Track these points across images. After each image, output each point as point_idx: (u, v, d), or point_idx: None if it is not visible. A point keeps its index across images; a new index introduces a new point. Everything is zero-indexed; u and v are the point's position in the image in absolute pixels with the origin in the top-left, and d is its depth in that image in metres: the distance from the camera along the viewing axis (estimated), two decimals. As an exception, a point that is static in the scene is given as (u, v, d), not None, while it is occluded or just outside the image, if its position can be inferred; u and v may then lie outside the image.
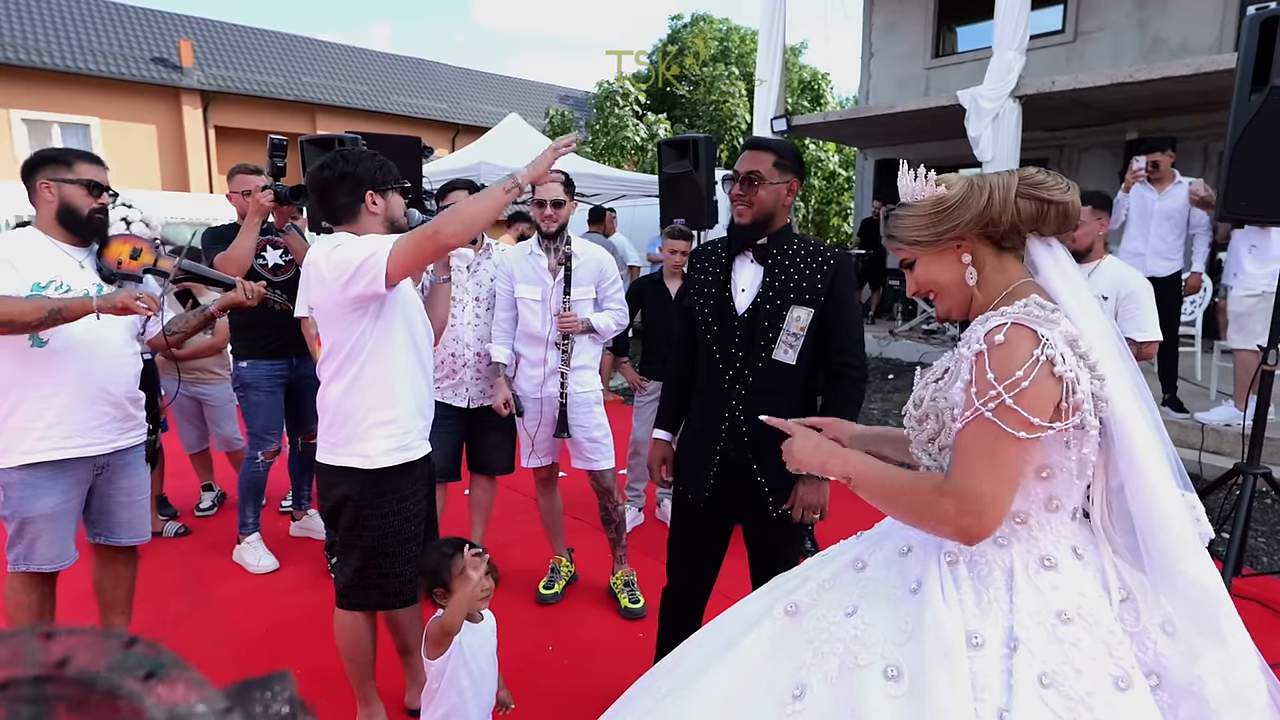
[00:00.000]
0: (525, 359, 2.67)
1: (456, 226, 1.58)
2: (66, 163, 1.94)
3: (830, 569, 1.15)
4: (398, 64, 19.33)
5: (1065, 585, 0.97)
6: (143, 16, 16.02)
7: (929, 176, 1.08)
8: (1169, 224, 4.34)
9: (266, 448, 3.01)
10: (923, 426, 1.08)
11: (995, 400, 0.93)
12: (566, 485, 3.24)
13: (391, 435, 1.74)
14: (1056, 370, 0.93)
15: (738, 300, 1.75)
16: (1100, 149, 7.70)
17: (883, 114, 7.21)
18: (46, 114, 13.78)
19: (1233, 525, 2.53)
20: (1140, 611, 0.98)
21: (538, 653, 2.38)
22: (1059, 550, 1.00)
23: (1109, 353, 1.00)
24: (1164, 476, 0.99)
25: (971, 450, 0.96)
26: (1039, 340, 0.94)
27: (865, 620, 1.02)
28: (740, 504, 1.79)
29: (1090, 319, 1.02)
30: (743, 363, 1.72)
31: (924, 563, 1.05)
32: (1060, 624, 0.94)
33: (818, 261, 1.72)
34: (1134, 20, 7.38)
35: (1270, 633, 2.50)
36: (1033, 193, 1.03)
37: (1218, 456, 3.99)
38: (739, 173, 1.72)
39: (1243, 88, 2.34)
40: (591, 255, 2.64)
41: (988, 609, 0.96)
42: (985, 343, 0.97)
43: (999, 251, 1.07)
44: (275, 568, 2.97)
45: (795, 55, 17.56)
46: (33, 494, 1.86)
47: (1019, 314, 0.97)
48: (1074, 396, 0.94)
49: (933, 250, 1.09)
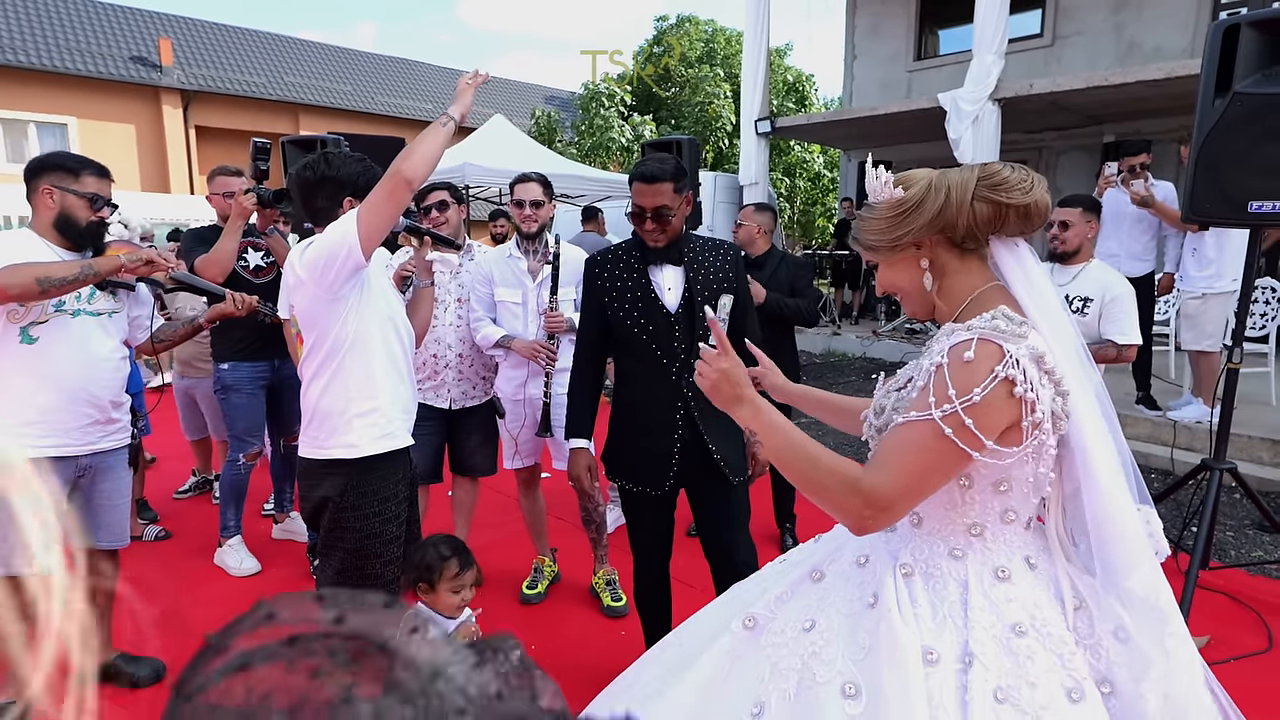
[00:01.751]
0: (506, 361, 2.68)
1: (416, 160, 1.58)
2: (74, 172, 1.95)
3: (788, 580, 1.14)
4: (382, 64, 19.19)
5: (1019, 597, 0.97)
6: (122, 14, 15.77)
7: (888, 178, 1.04)
8: (1141, 226, 4.44)
9: (248, 450, 2.99)
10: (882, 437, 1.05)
11: (948, 410, 0.91)
12: (549, 486, 3.25)
13: (375, 424, 1.76)
14: (1016, 391, 0.91)
15: (666, 299, 1.87)
16: (1078, 151, 7.85)
17: (865, 116, 7.29)
18: (23, 113, 13.53)
19: (1199, 519, 2.60)
20: (1094, 619, 0.98)
21: (521, 653, 2.40)
22: (1013, 561, 1.00)
23: (1073, 365, 0.98)
24: (1120, 491, 0.98)
25: (903, 448, 0.93)
26: (1003, 356, 0.92)
27: (823, 635, 1.01)
28: (694, 481, 1.90)
29: (1055, 328, 0.99)
30: (687, 353, 1.84)
31: (880, 575, 1.04)
32: (1015, 637, 0.93)
33: (721, 254, 1.93)
34: (1110, 25, 7.53)
35: (1236, 624, 2.57)
36: (990, 195, 0.99)
37: (1189, 453, 4.09)
38: (647, 209, 1.80)
39: (1206, 93, 2.40)
40: (572, 256, 2.65)
41: (943, 624, 0.96)
42: (949, 357, 0.95)
43: (961, 254, 1.03)
44: (257, 570, 2.95)
45: (781, 56, 17.68)
46: None
47: (985, 329, 0.94)
48: (1033, 415, 0.92)
49: (891, 254, 1.06)
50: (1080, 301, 2.69)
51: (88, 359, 1.96)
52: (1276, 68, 2.31)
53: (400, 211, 1.64)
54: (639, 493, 1.92)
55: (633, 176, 1.82)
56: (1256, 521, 3.39)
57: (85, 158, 2.03)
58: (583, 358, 1.99)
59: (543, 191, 2.56)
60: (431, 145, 1.62)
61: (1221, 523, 3.48)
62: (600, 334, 1.94)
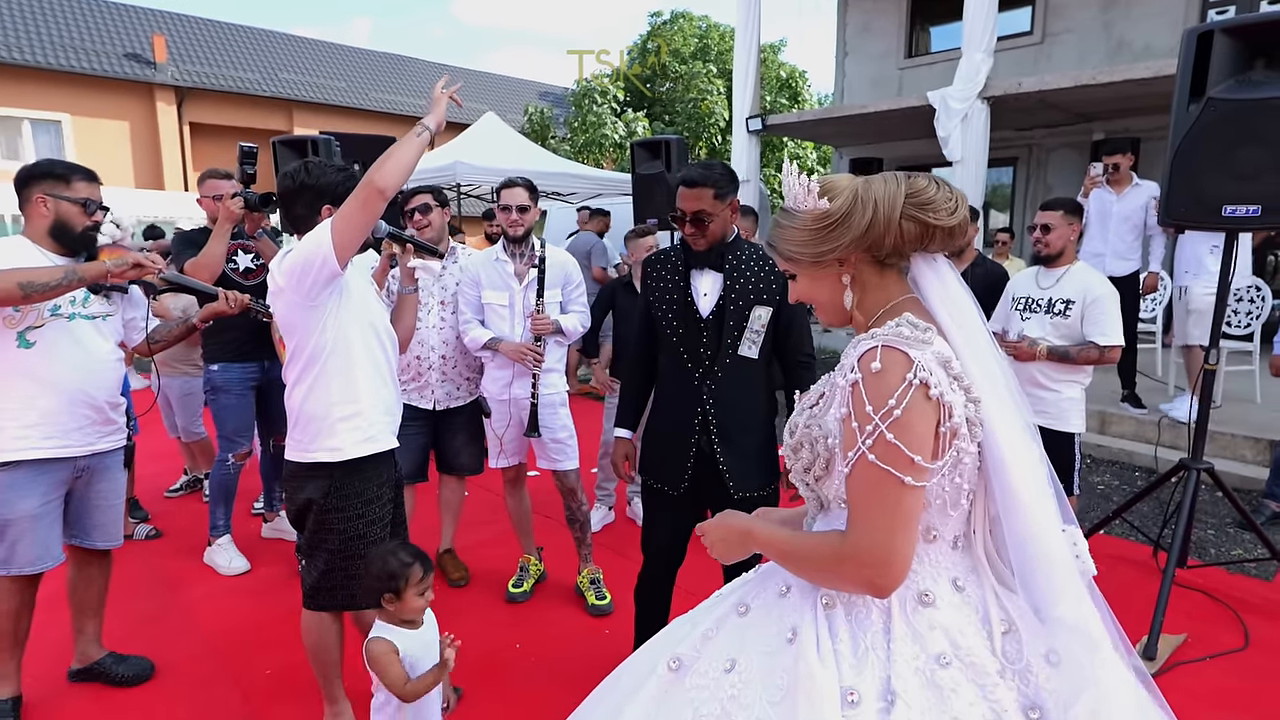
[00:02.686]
0: (493, 362, 2.70)
1: (388, 170, 1.60)
2: (65, 179, 1.97)
3: (714, 615, 1.09)
4: (376, 60, 19.12)
5: (943, 623, 0.93)
6: (115, 11, 15.68)
7: (811, 185, 0.99)
8: (1127, 225, 4.47)
9: (237, 450, 3.02)
10: (798, 455, 1.02)
11: (874, 435, 0.88)
12: (536, 484, 3.28)
13: (358, 428, 1.79)
14: (932, 394, 0.88)
15: (700, 304, 1.89)
16: (1067, 149, 7.87)
17: (855, 114, 7.30)
18: (16, 110, 13.46)
19: (1176, 519, 2.64)
20: (1023, 643, 0.93)
21: (506, 650, 2.43)
22: (938, 584, 0.96)
23: (987, 372, 0.95)
24: (1043, 510, 0.94)
25: (862, 501, 0.90)
26: (911, 363, 0.89)
27: (742, 676, 0.97)
28: (709, 488, 1.93)
29: (967, 336, 0.96)
30: (711, 360, 1.87)
31: (801, 608, 0.98)
32: (938, 668, 0.90)
33: (769, 265, 1.90)
34: (1099, 23, 7.54)
35: (1213, 622, 2.62)
36: (917, 214, 0.96)
37: (1175, 451, 4.14)
38: (686, 213, 1.84)
39: (1181, 98, 2.43)
40: (557, 260, 2.68)
41: (864, 659, 0.92)
42: (860, 371, 0.91)
43: (881, 269, 1.01)
44: (246, 569, 2.98)
45: (775, 53, 17.64)
46: (14, 495, 1.89)
47: (890, 336, 0.92)
48: (950, 421, 0.89)
49: (812, 268, 1.02)
50: (1062, 304, 2.71)
51: (85, 362, 1.99)
52: (1249, 73, 2.34)
53: (373, 220, 1.66)
54: (657, 489, 1.97)
55: (677, 180, 1.87)
56: (1238, 520, 3.43)
57: (74, 164, 2.04)
58: (635, 352, 2.07)
59: (528, 196, 2.58)
60: (405, 155, 1.64)
61: (1203, 521, 3.53)
62: (651, 331, 2.00)
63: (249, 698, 2.17)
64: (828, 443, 0.98)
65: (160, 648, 2.40)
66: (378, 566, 1.66)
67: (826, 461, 0.98)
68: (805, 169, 16.88)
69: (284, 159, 3.77)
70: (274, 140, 3.93)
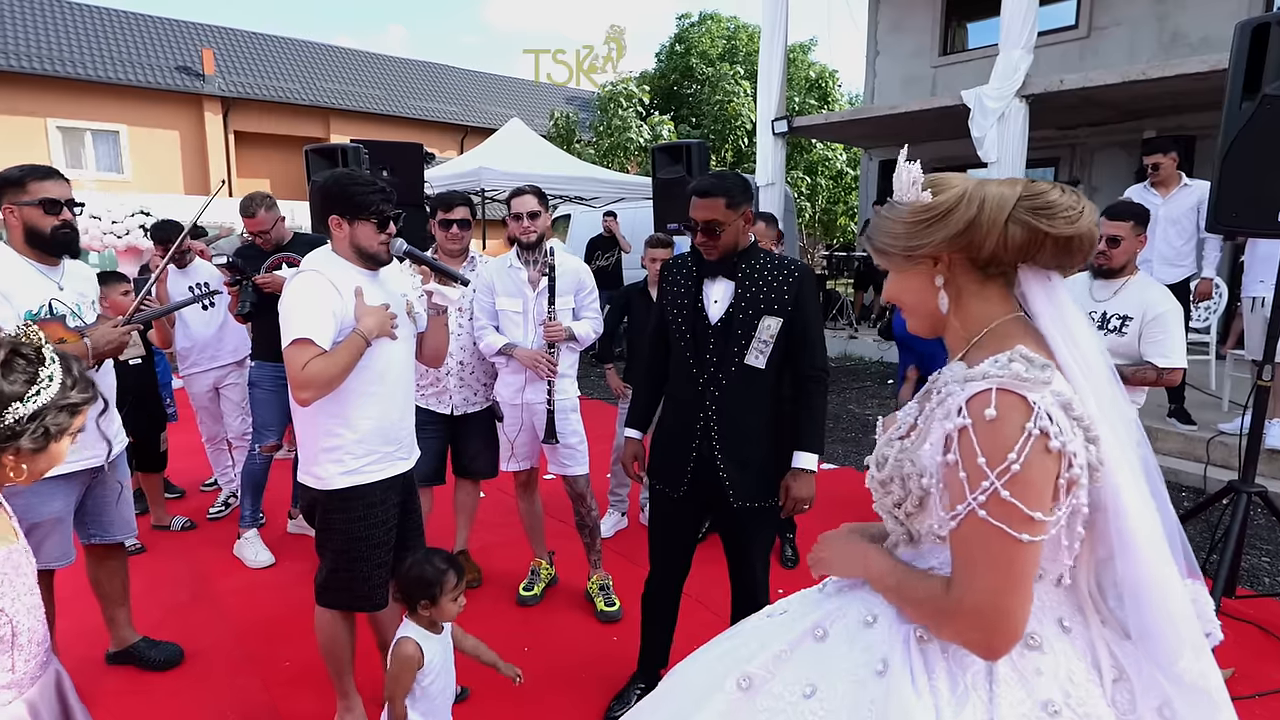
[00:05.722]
0: (507, 368, 2.70)
1: (323, 382, 1.68)
2: (20, 184, 1.91)
3: (788, 636, 1.03)
4: (409, 68, 19.58)
5: (1051, 668, 0.86)
6: (168, 27, 16.48)
7: (919, 178, 0.93)
8: (1176, 229, 4.22)
9: (264, 442, 3.13)
10: (887, 490, 0.96)
11: (988, 491, 0.81)
12: (548, 488, 3.27)
13: (338, 461, 1.79)
14: (1052, 445, 0.81)
15: (710, 311, 1.88)
16: (1115, 148, 7.51)
17: (885, 114, 7.11)
18: (79, 122, 14.27)
19: (1224, 544, 2.46)
20: (1135, 693, 0.86)
21: (514, 654, 2.42)
22: (1044, 625, 0.89)
23: (1105, 407, 0.87)
24: (1163, 560, 0.86)
25: (970, 558, 0.84)
26: (1030, 410, 0.81)
27: (825, 705, 0.92)
28: (709, 496, 1.91)
29: (1085, 367, 0.88)
30: (716, 368, 1.85)
31: (891, 640, 0.93)
32: (1046, 717, 0.84)
33: (783, 274, 1.86)
34: (1152, 15, 7.18)
35: (1264, 657, 2.44)
36: (1029, 219, 0.87)
37: (1227, 471, 3.88)
38: (698, 222, 1.82)
39: (1233, 96, 2.27)
40: (569, 266, 2.68)
41: (964, 699, 0.85)
42: (971, 416, 0.83)
43: (983, 278, 0.92)
44: (272, 563, 3.08)
45: (804, 53, 17.38)
46: (40, 500, 1.96)
47: (1004, 377, 0.83)
48: (1070, 471, 0.82)
49: (905, 263, 0.95)
50: (1119, 320, 2.47)
51: (101, 375, 2.05)
52: (1309, 68, 2.16)
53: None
54: (661, 491, 1.98)
55: (689, 191, 1.87)
56: (1295, 546, 3.19)
57: (31, 165, 1.96)
58: (649, 354, 2.08)
59: (538, 202, 2.58)
60: (343, 366, 1.70)
61: (1257, 548, 3.30)
62: (664, 335, 2.00)
63: (268, 687, 2.24)
64: (922, 481, 0.91)
65: (190, 635, 2.50)
66: (414, 573, 1.70)
67: (920, 499, 0.92)
68: (831, 173, 16.61)
69: (315, 166, 3.87)
70: (306, 149, 4.04)
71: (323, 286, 1.72)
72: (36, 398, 1.03)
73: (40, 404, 1.04)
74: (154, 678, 2.28)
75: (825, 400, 1.92)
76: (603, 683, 2.24)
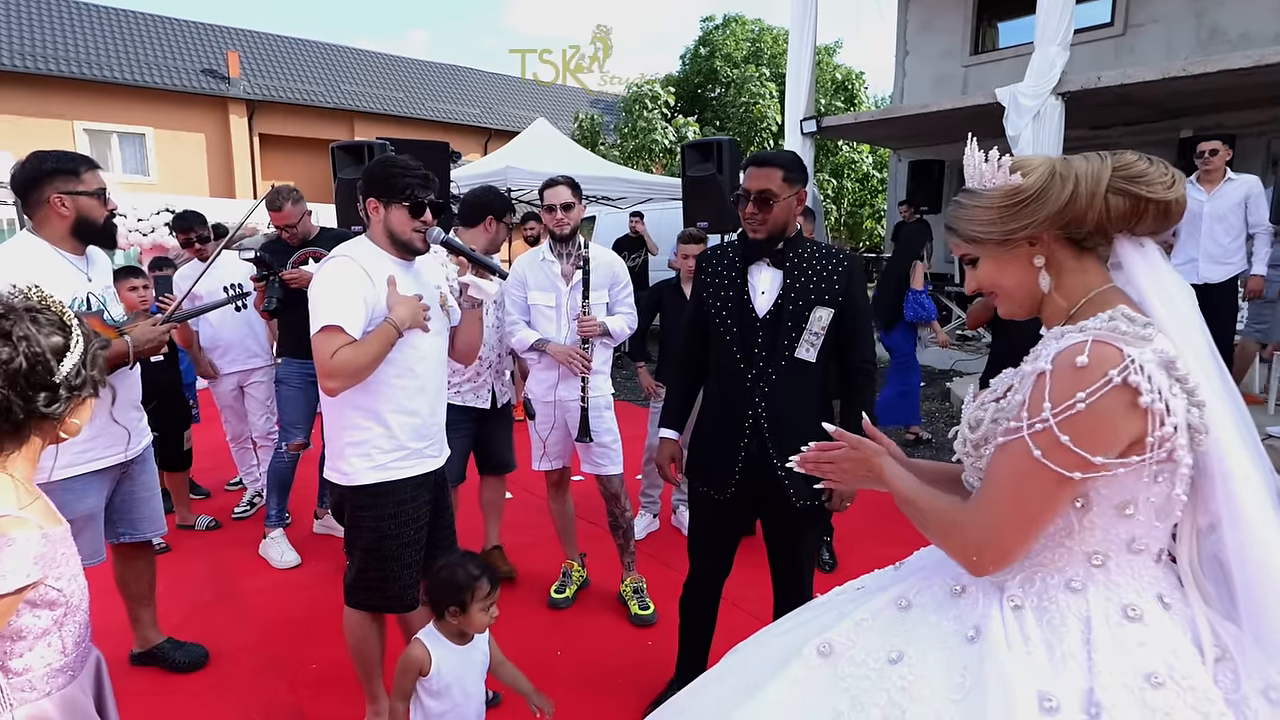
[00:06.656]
0: (539, 364, 2.66)
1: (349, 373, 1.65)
2: (75, 173, 1.86)
3: (869, 606, 1.03)
4: (432, 71, 19.76)
5: (1153, 641, 0.84)
6: (194, 30, 16.79)
7: (1003, 161, 0.93)
8: (1222, 225, 4.07)
9: (291, 440, 3.10)
10: (980, 452, 0.95)
11: (1042, 423, 0.82)
12: (580, 489, 3.22)
13: (365, 455, 1.75)
14: (1142, 401, 0.80)
15: (757, 303, 1.80)
16: (1151, 147, 7.22)
17: (915, 114, 7.01)
18: (106, 124, 14.56)
19: None
20: (1240, 674, 0.83)
21: (547, 657, 2.37)
22: (1144, 599, 0.87)
23: (1209, 375, 0.86)
24: (1272, 528, 0.83)
25: (999, 478, 0.87)
26: (1120, 360, 0.81)
27: (913, 670, 0.91)
28: (761, 498, 1.83)
29: (1188, 334, 0.87)
30: (766, 362, 1.77)
31: (983, 607, 0.93)
32: (1150, 689, 0.80)
33: (833, 264, 1.79)
34: (1190, 10, 7.00)
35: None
36: (1129, 187, 0.88)
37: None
38: (750, 191, 1.74)
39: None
40: (603, 260, 2.63)
41: (1062, 665, 0.84)
42: (1057, 363, 0.84)
43: (1079, 252, 0.93)
44: (298, 563, 3.05)
45: (830, 55, 17.28)
46: (74, 497, 1.93)
47: (1103, 330, 0.84)
48: (1161, 429, 0.81)
49: (1000, 249, 0.95)
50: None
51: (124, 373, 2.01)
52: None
53: None
54: (704, 493, 1.91)
55: (746, 161, 1.80)
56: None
57: (76, 154, 1.93)
58: (684, 351, 1.99)
59: (572, 194, 2.53)
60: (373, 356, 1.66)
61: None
62: (701, 329, 1.91)
63: (295, 689, 2.20)
64: None
65: (215, 636, 2.47)
66: (445, 576, 1.60)
67: None
68: (858, 176, 16.47)
69: (342, 164, 3.89)
70: (332, 146, 4.06)
71: (355, 273, 1.67)
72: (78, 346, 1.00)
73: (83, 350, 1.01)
74: (178, 679, 2.25)
75: (874, 393, 1.86)
76: (638, 689, 2.16)
